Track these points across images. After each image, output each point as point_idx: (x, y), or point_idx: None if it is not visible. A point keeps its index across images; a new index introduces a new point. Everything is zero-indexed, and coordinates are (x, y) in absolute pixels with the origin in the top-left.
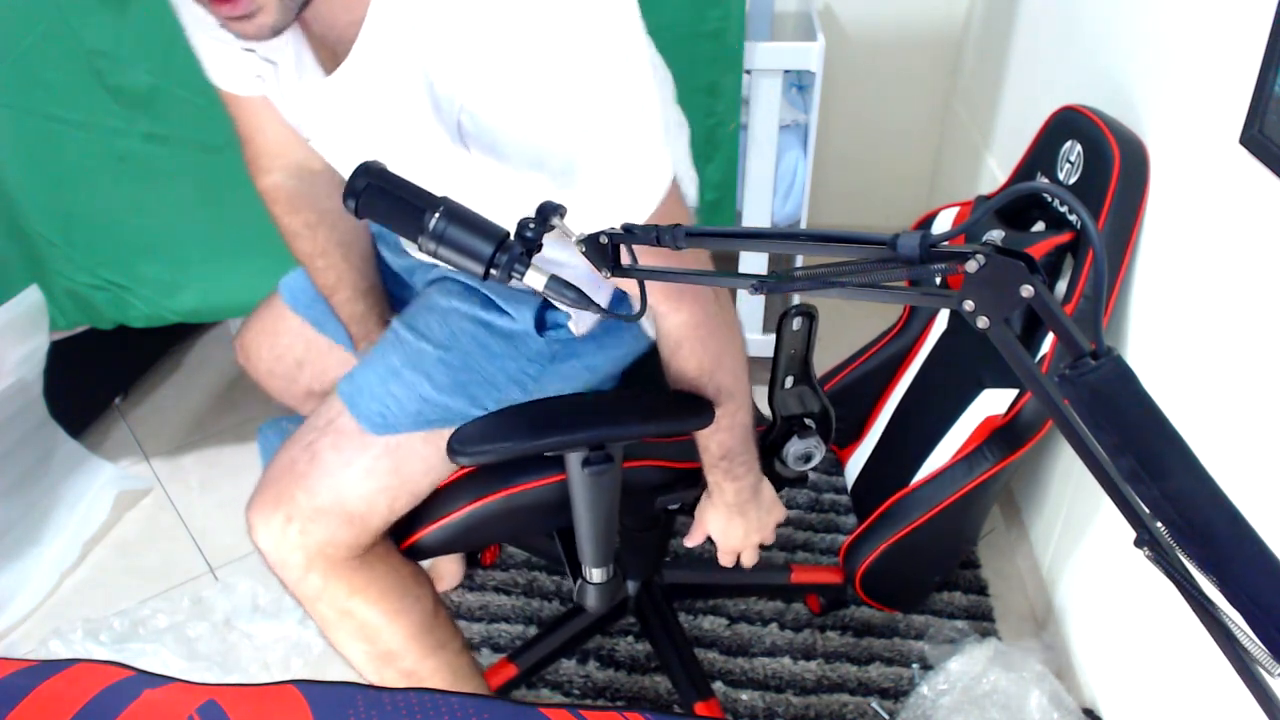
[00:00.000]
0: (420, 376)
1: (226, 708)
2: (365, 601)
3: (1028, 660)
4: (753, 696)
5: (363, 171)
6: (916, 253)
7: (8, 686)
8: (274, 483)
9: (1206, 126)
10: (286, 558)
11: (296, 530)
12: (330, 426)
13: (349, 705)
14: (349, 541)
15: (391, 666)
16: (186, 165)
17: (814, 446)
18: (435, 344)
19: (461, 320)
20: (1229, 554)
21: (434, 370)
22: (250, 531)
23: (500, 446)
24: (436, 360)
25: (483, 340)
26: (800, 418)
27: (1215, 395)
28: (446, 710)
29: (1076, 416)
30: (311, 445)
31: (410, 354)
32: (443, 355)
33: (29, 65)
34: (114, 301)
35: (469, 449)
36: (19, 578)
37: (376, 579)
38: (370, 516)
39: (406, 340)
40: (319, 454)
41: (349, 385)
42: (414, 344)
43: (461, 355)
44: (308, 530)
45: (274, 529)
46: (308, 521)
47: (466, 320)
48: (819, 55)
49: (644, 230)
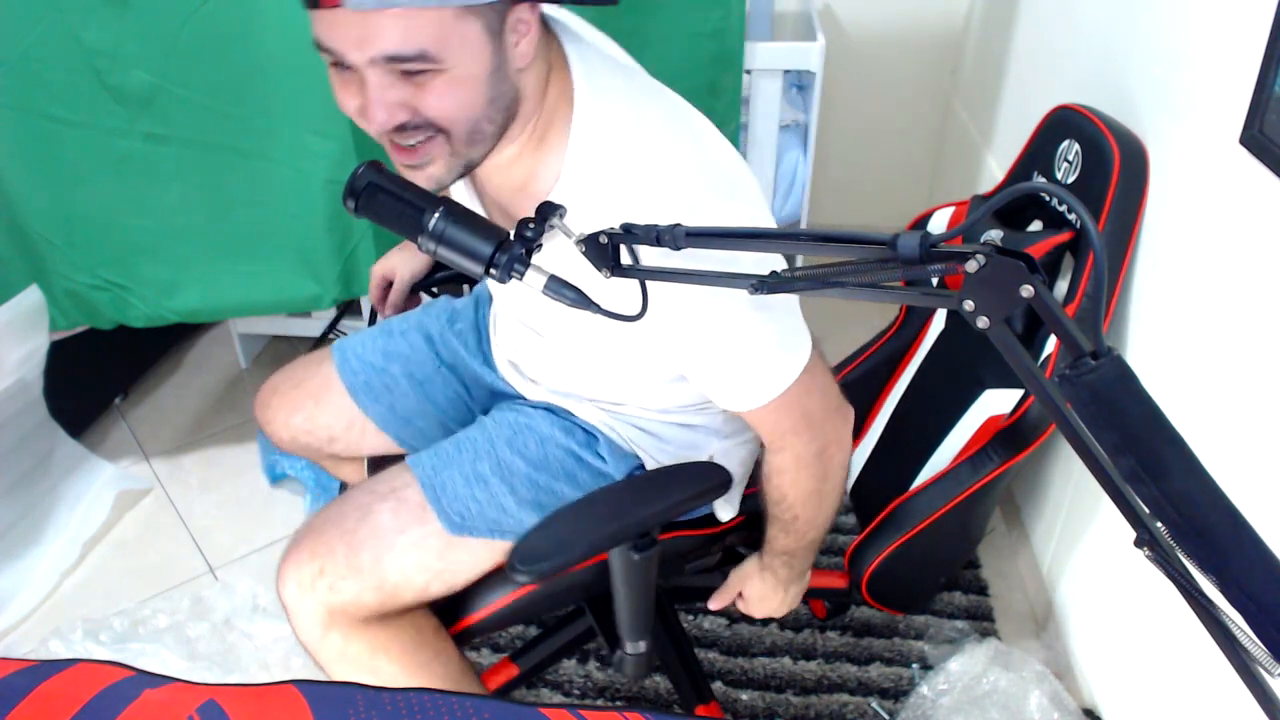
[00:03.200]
0: (506, 488)
1: (226, 708)
2: (388, 659)
3: (1028, 660)
4: (753, 696)
5: (364, 171)
6: (916, 253)
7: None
8: (316, 533)
9: (1206, 126)
10: (309, 612)
11: (326, 585)
12: (393, 494)
13: (349, 705)
14: (373, 606)
15: None
16: (186, 165)
17: None
18: (528, 461)
19: (557, 449)
20: (1229, 554)
21: (520, 485)
22: (278, 582)
23: (559, 561)
24: (525, 477)
25: (572, 471)
26: None
27: (1215, 395)
28: (446, 710)
29: (1076, 417)
30: (368, 507)
31: (500, 465)
32: (532, 474)
33: (29, 65)
34: (114, 301)
35: (531, 568)
36: (19, 578)
37: (398, 635)
38: (402, 590)
39: (501, 452)
40: (374, 516)
41: (429, 475)
42: (508, 457)
43: (550, 478)
44: (337, 587)
45: (304, 580)
46: (339, 578)
47: (562, 450)
48: (819, 55)
49: (644, 230)
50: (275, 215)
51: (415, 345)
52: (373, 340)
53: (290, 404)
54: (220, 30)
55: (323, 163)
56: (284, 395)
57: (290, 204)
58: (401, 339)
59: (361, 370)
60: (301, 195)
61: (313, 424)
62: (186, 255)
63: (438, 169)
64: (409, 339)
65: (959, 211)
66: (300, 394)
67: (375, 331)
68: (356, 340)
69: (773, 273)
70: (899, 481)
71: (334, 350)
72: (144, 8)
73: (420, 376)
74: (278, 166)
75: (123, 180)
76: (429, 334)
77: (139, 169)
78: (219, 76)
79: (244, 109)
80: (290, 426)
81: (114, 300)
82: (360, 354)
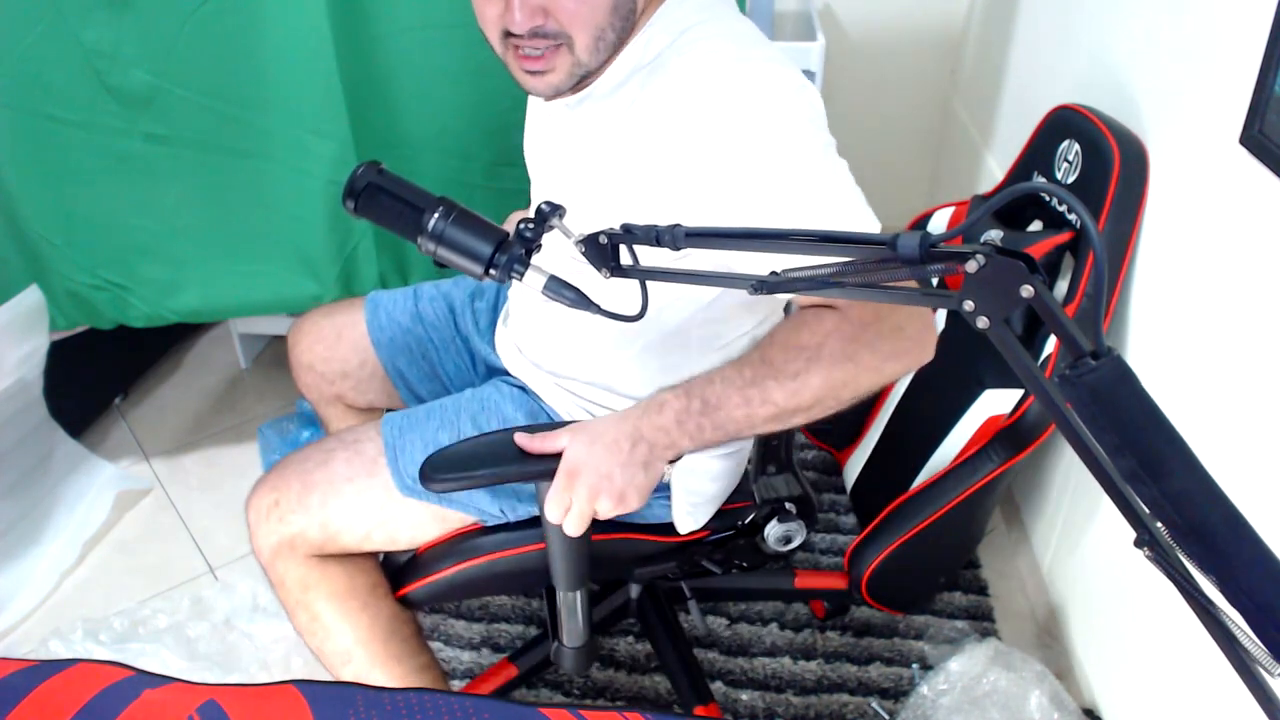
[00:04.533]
0: None
1: (226, 708)
2: (318, 597)
3: (1028, 660)
4: (753, 696)
5: (363, 171)
6: (916, 253)
7: (8, 686)
8: (280, 469)
9: (1206, 126)
10: (263, 541)
11: (277, 517)
12: (355, 445)
13: (349, 705)
14: (315, 543)
15: (345, 668)
16: (186, 165)
17: (794, 530)
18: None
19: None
20: (1229, 554)
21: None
22: (246, 506)
23: (464, 477)
24: None
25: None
26: (781, 501)
27: (1215, 395)
28: (446, 710)
29: (1076, 417)
30: (330, 452)
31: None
32: None
33: (29, 65)
34: (114, 301)
35: (439, 477)
36: (19, 578)
37: (329, 578)
38: (342, 535)
39: (463, 425)
40: (331, 462)
41: (394, 434)
42: (468, 431)
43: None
44: (286, 519)
45: (261, 509)
46: (289, 511)
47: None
48: (819, 55)
49: (644, 230)
50: (275, 215)
51: (440, 314)
52: (404, 300)
53: (317, 330)
54: (220, 30)
55: (323, 163)
56: (314, 322)
57: (290, 204)
58: (429, 305)
59: (388, 326)
60: (301, 195)
61: (330, 353)
62: (186, 255)
63: (557, 77)
64: (435, 307)
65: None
66: (329, 324)
67: (408, 293)
68: (388, 297)
69: (773, 273)
70: (899, 481)
71: (367, 301)
72: (144, 8)
73: (437, 343)
74: (278, 166)
75: (123, 180)
76: (453, 305)
77: (139, 169)
78: (219, 76)
79: (244, 109)
80: (312, 351)
81: (114, 300)
82: (390, 311)
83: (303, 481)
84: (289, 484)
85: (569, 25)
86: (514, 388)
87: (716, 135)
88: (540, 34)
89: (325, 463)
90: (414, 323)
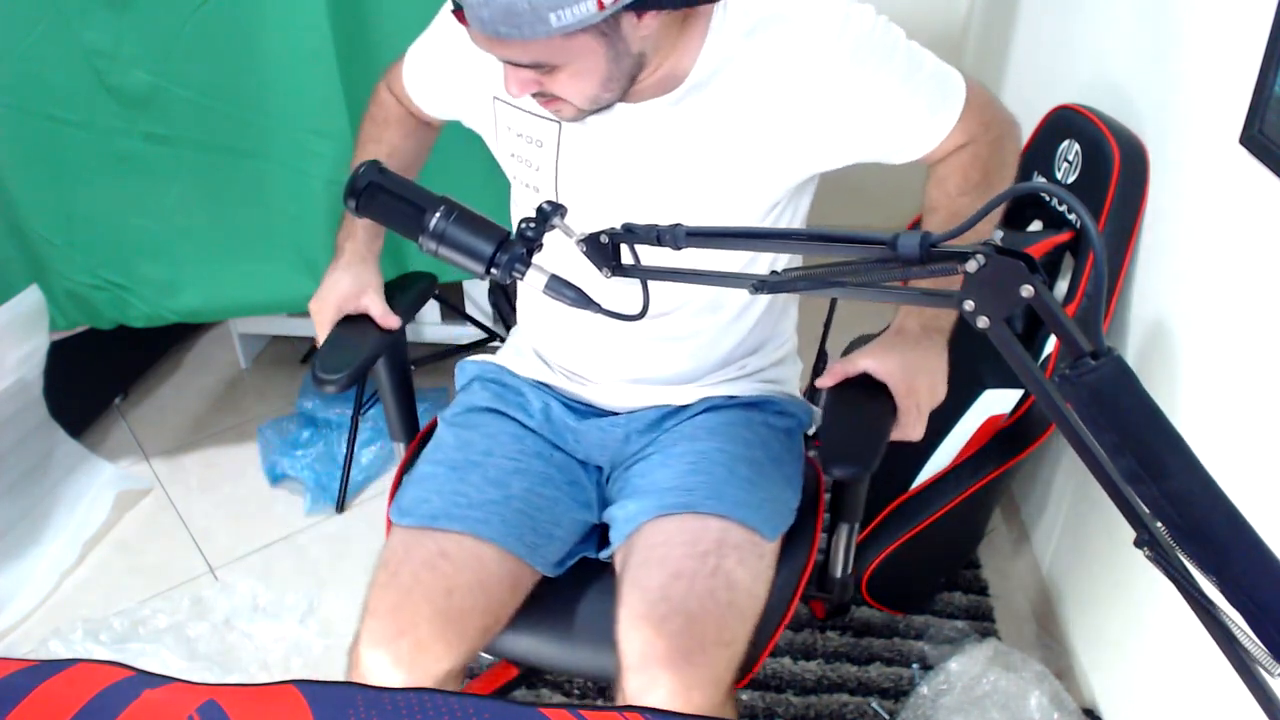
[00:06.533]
0: (777, 478)
1: (226, 708)
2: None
3: (1028, 660)
4: (753, 696)
5: (364, 170)
6: (916, 253)
7: (8, 686)
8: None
9: (1206, 126)
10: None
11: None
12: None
13: (349, 705)
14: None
15: None
16: (186, 165)
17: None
18: (754, 449)
19: (761, 426)
20: (1229, 554)
21: (773, 470)
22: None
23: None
24: (764, 462)
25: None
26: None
27: (1215, 395)
28: (446, 710)
29: (1076, 417)
30: (708, 590)
31: (751, 463)
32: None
33: (29, 65)
34: (114, 301)
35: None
36: (19, 578)
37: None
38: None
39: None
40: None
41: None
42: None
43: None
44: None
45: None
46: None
47: (761, 425)
48: None
49: (644, 230)
50: (275, 215)
51: (506, 447)
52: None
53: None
54: (220, 30)
55: (323, 163)
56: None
57: (290, 204)
58: (486, 460)
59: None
60: (301, 195)
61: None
62: (186, 255)
63: (568, 114)
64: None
65: None
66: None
67: (447, 474)
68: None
69: (773, 272)
70: (899, 481)
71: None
72: (144, 8)
73: (542, 480)
74: (277, 166)
75: (123, 180)
76: (517, 431)
77: (139, 169)
78: (219, 76)
79: (244, 109)
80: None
81: (114, 300)
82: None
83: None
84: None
85: (563, 94)
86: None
87: (839, 66)
88: (539, 95)
89: (711, 595)
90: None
